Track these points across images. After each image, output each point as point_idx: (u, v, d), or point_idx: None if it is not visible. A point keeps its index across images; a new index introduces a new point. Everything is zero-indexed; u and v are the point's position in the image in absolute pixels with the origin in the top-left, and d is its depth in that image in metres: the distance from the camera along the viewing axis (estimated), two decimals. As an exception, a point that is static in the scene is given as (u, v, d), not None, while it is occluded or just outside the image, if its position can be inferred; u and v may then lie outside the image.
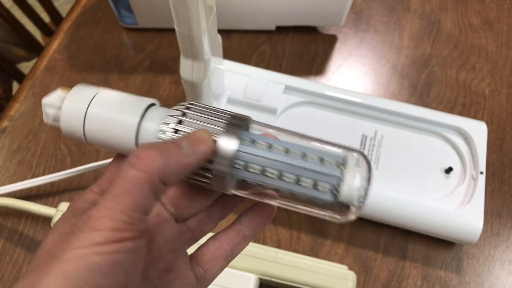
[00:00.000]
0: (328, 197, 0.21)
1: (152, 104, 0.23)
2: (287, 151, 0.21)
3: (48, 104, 0.23)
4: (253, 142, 0.22)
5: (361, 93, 0.51)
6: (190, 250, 0.24)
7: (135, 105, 0.23)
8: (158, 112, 0.23)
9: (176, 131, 0.22)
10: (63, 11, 0.77)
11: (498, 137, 0.54)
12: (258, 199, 0.24)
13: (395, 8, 0.63)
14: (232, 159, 0.21)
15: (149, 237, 0.22)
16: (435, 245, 0.47)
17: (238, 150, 0.21)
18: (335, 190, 0.20)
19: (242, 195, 0.23)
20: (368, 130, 0.49)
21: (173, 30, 0.34)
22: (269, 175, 0.21)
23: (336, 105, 0.50)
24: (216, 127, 0.21)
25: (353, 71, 0.58)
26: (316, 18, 0.58)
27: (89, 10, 0.62)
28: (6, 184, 0.47)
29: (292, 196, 0.22)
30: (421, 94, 0.56)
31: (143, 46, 0.59)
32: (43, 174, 0.49)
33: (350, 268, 0.42)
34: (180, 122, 0.22)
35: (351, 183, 0.21)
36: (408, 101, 0.56)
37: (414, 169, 0.47)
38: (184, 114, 0.22)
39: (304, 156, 0.21)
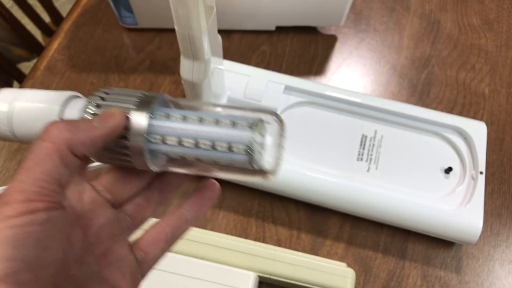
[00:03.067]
0: (243, 157, 0.21)
1: (75, 96, 0.25)
2: (201, 120, 0.22)
3: None
4: (167, 116, 0.22)
5: (361, 93, 0.51)
6: (134, 237, 0.24)
7: (56, 98, 0.24)
8: (79, 102, 0.24)
9: (95, 115, 0.22)
10: (63, 11, 0.77)
11: (498, 137, 0.54)
12: (188, 173, 0.24)
13: (395, 8, 0.63)
14: (146, 133, 0.22)
15: (84, 223, 0.22)
16: (435, 245, 0.47)
17: (151, 124, 0.22)
18: (249, 150, 0.21)
19: (171, 170, 0.24)
20: (368, 130, 0.49)
21: (173, 30, 0.34)
22: (186, 144, 0.22)
23: (336, 105, 0.50)
24: (129, 105, 0.22)
25: (353, 71, 0.58)
26: (316, 18, 0.58)
27: (89, 10, 0.62)
28: (6, 184, 0.47)
29: (215, 164, 0.22)
30: (421, 94, 0.56)
31: (143, 46, 0.59)
32: (43, 174, 0.49)
33: (350, 267, 0.42)
34: (98, 106, 0.23)
35: (263, 140, 0.22)
36: (408, 101, 0.56)
37: (414, 169, 0.47)
38: (102, 99, 0.23)
39: (217, 122, 0.22)
